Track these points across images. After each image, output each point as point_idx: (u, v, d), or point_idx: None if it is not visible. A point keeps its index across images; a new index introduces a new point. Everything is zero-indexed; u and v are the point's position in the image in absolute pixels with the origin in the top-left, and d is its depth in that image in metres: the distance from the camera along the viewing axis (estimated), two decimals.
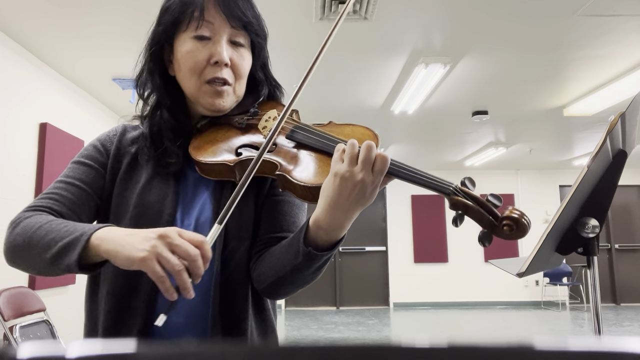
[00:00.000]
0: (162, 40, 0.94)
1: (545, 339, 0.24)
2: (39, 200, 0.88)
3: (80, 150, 0.99)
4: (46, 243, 0.78)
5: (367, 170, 0.75)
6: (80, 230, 0.77)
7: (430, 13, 3.24)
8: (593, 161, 0.95)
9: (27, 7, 3.12)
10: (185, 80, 0.93)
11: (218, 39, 0.91)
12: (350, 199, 0.75)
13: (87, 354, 0.24)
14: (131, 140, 0.99)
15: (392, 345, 0.24)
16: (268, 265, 0.88)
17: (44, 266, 0.79)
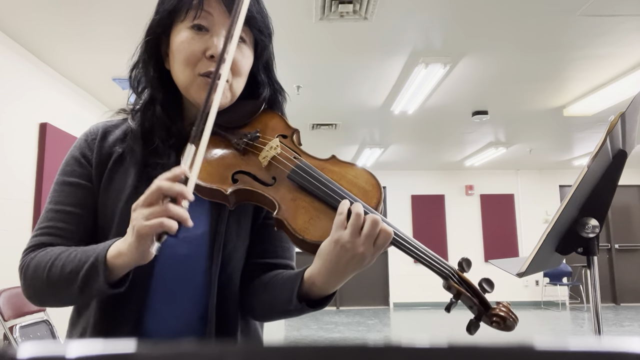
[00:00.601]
0: (159, 30, 0.89)
1: (545, 339, 0.24)
2: (36, 238, 0.86)
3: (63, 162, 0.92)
4: (67, 278, 0.77)
5: (369, 244, 0.76)
6: (92, 254, 0.76)
7: (430, 13, 3.24)
8: (593, 161, 0.95)
9: (27, 7, 3.12)
10: (179, 71, 0.87)
11: (216, 31, 0.85)
12: (347, 267, 0.76)
13: (87, 354, 0.24)
14: (114, 141, 0.91)
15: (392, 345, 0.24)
16: (260, 301, 0.90)
17: (77, 297, 0.80)
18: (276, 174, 0.84)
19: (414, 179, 9.23)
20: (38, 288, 0.82)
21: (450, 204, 9.26)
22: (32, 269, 0.81)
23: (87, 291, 0.77)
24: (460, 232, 9.13)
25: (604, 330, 1.08)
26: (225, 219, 0.89)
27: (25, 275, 0.83)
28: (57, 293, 0.80)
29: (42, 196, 3.84)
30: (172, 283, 0.87)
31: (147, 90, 0.91)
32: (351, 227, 0.74)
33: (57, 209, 0.87)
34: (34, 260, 0.82)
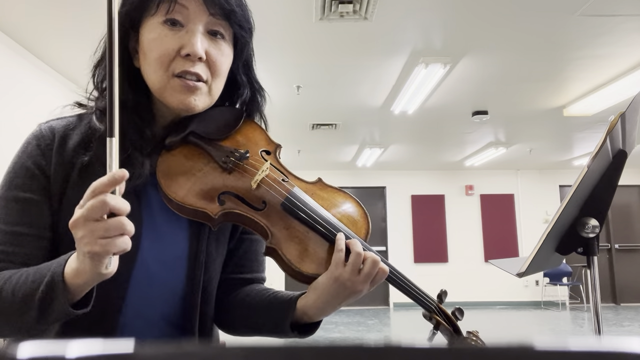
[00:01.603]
0: (127, 25, 0.77)
1: (545, 339, 0.24)
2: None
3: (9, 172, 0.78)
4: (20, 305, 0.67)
5: (367, 281, 0.79)
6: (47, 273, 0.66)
7: (430, 13, 3.24)
8: (593, 161, 0.95)
9: (27, 7, 3.13)
10: (150, 72, 0.77)
11: (192, 28, 0.76)
12: (343, 300, 0.78)
13: (87, 354, 0.24)
14: (75, 147, 0.78)
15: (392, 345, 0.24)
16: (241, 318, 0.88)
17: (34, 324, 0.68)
18: (267, 198, 0.80)
19: (414, 179, 9.23)
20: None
21: (450, 204, 9.26)
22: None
23: (46, 317, 0.66)
24: (460, 232, 9.13)
25: (604, 330, 1.08)
26: (206, 238, 0.82)
27: None
28: (11, 323, 0.69)
29: None
30: (147, 305, 0.79)
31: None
32: (351, 266, 0.75)
33: (7, 230, 0.74)
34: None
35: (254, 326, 0.86)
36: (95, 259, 0.60)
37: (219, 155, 0.80)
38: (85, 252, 0.60)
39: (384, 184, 9.26)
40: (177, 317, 0.82)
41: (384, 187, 9.27)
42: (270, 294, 0.86)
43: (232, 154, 0.81)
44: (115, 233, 0.59)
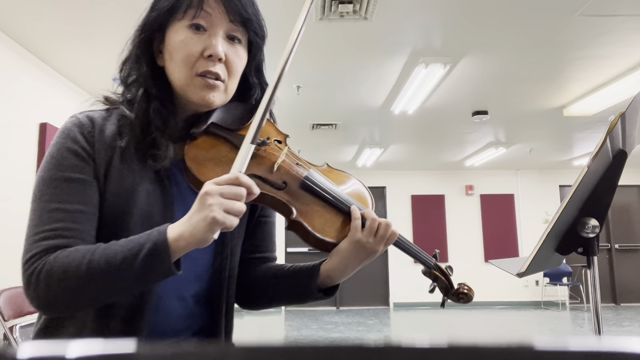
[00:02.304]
0: (154, 28, 0.88)
1: (545, 339, 0.24)
2: (44, 242, 0.77)
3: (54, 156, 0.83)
4: (118, 268, 0.73)
5: (382, 243, 0.91)
6: (146, 239, 0.75)
7: (430, 13, 3.24)
8: (593, 161, 0.95)
9: (27, 8, 3.13)
10: (176, 71, 0.86)
11: (215, 32, 0.85)
12: (361, 262, 0.91)
13: (87, 354, 0.24)
14: (112, 135, 0.86)
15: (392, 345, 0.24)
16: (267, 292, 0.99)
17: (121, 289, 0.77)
18: (286, 179, 0.91)
19: (414, 179, 9.23)
20: (72, 288, 0.74)
21: (450, 204, 9.26)
22: (61, 269, 0.74)
23: (145, 277, 0.75)
24: (460, 232, 9.13)
25: (604, 330, 1.08)
26: None
27: (48, 278, 0.74)
28: (102, 287, 0.75)
29: None
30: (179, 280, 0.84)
31: (139, 86, 0.88)
32: (368, 230, 0.89)
33: (67, 208, 0.79)
34: (58, 261, 0.75)
35: (279, 296, 0.98)
36: (212, 225, 0.71)
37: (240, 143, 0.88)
38: (209, 217, 0.71)
39: (384, 184, 9.26)
40: (205, 294, 0.91)
41: (384, 187, 9.27)
42: (291, 266, 0.98)
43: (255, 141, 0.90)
44: (236, 213, 0.73)
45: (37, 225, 0.79)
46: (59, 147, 0.83)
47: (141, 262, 0.73)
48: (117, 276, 0.74)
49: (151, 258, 0.73)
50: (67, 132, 0.84)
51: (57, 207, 0.79)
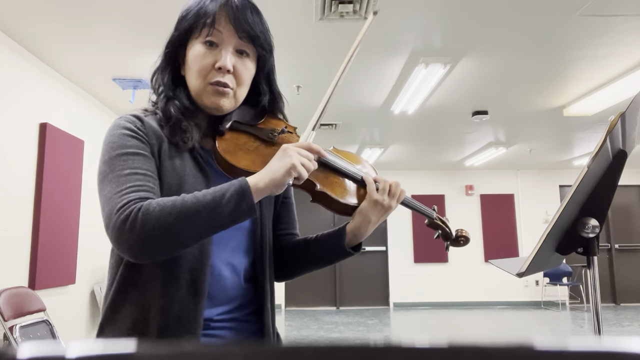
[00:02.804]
0: (177, 44, 1.04)
1: (545, 339, 0.24)
2: (131, 194, 0.87)
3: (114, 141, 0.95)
4: (208, 204, 0.86)
5: (395, 200, 1.09)
6: (229, 185, 0.89)
7: (430, 13, 3.24)
8: (593, 161, 0.95)
9: (27, 8, 3.13)
10: (192, 80, 1.02)
11: (224, 47, 1.01)
12: (379, 218, 1.09)
13: (87, 354, 0.24)
14: (156, 126, 1.00)
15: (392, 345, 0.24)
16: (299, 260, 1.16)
17: (211, 228, 0.88)
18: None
19: (414, 179, 9.23)
20: (168, 225, 0.85)
21: (450, 204, 9.25)
22: (157, 209, 0.85)
23: (233, 214, 0.87)
24: None
25: (604, 330, 1.08)
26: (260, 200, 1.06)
27: (145, 217, 0.84)
28: (195, 224, 0.86)
29: (42, 196, 3.84)
30: (228, 247, 1.02)
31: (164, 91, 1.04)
32: (382, 190, 1.08)
33: (141, 172, 0.91)
34: (152, 204, 0.86)
35: (311, 261, 1.15)
36: (291, 170, 0.88)
37: (263, 134, 1.07)
38: (289, 164, 0.88)
39: None
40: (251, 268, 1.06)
41: None
42: (317, 234, 1.15)
43: (274, 131, 1.08)
44: (308, 167, 0.91)
45: (117, 186, 0.89)
46: (116, 135, 0.95)
47: (228, 200, 0.87)
48: (207, 212, 0.86)
49: (236, 196, 0.87)
50: (120, 124, 0.97)
51: (131, 172, 0.91)
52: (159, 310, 0.92)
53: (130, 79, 4.33)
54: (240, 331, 1.02)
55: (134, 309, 0.94)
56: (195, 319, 0.94)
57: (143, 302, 0.93)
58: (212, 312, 0.98)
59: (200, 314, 0.94)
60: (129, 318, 0.94)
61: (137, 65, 4.05)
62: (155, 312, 0.92)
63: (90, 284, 4.81)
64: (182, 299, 0.93)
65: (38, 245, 3.75)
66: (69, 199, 4.29)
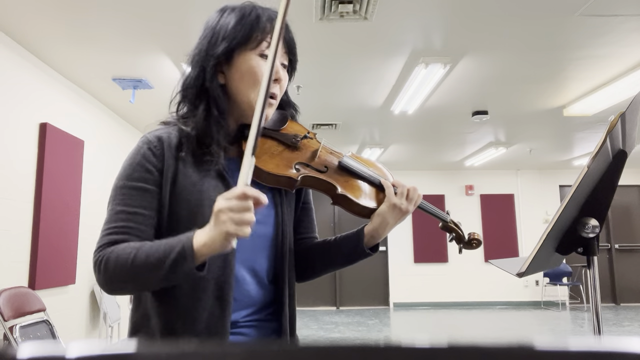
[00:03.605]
0: (231, 51, 1.05)
1: (545, 339, 0.24)
2: (109, 236, 0.98)
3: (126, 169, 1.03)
4: (153, 266, 0.92)
5: (412, 204, 1.14)
6: (177, 245, 0.92)
7: (430, 13, 3.24)
8: (593, 161, 0.95)
9: (28, 8, 3.12)
10: (245, 90, 1.06)
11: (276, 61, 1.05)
12: (397, 221, 1.13)
13: (87, 354, 0.24)
14: (176, 147, 1.05)
15: (392, 345, 0.24)
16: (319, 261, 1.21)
17: (159, 282, 0.95)
18: (327, 163, 1.14)
19: (414, 179, 9.21)
20: (121, 277, 0.95)
21: (450, 204, 9.25)
22: (114, 261, 0.94)
23: (172, 276, 0.92)
24: None
25: (604, 330, 1.08)
26: (280, 203, 1.13)
27: (105, 267, 0.95)
28: (140, 280, 0.95)
29: (42, 196, 3.84)
30: (250, 253, 1.07)
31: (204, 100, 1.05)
32: (400, 194, 1.12)
33: (129, 211, 0.99)
34: (114, 254, 0.95)
35: (330, 262, 1.20)
36: (228, 238, 0.86)
37: (286, 139, 1.12)
38: (223, 231, 0.86)
39: None
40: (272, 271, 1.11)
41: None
42: (335, 236, 1.20)
43: (297, 136, 1.14)
44: (247, 223, 0.86)
45: (106, 223, 1.00)
46: (131, 162, 1.03)
47: (170, 263, 0.91)
48: (153, 271, 0.92)
49: (177, 262, 0.91)
50: (138, 149, 1.04)
51: (121, 210, 1.00)
52: (187, 321, 0.99)
53: (130, 79, 4.33)
54: (261, 330, 1.08)
55: (161, 321, 1.01)
56: (223, 326, 1.00)
57: (171, 313, 1.00)
58: (236, 315, 1.04)
59: (227, 321, 1.01)
60: (156, 329, 1.01)
61: (137, 65, 4.05)
62: (182, 323, 0.99)
63: (90, 284, 4.81)
64: (209, 307, 1.00)
65: (38, 245, 3.75)
66: (69, 199, 4.29)
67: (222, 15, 1.09)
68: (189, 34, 3.47)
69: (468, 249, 1.31)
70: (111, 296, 5.02)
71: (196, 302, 0.99)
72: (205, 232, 0.90)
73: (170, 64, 4.00)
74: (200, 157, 1.04)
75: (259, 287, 1.09)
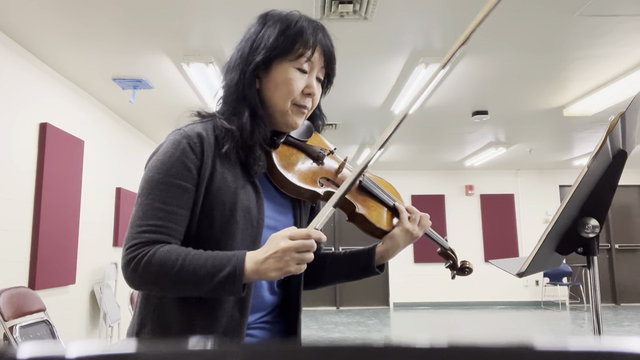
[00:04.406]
0: (270, 60, 1.06)
1: (545, 339, 0.24)
2: (146, 234, 0.95)
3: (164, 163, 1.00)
4: (198, 280, 0.93)
5: (422, 231, 1.18)
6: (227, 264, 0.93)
7: (430, 13, 3.24)
8: (593, 161, 0.95)
9: (28, 8, 3.12)
10: (280, 99, 1.07)
11: (312, 75, 1.09)
12: (405, 245, 1.17)
13: (87, 354, 0.24)
14: (215, 144, 1.04)
15: (392, 345, 0.24)
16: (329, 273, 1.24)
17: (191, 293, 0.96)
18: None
19: (414, 179, 9.23)
20: (160, 281, 0.94)
21: (450, 204, 9.26)
22: (157, 265, 0.93)
23: (214, 293, 0.94)
24: (460, 232, 9.13)
25: (604, 330, 1.08)
26: (299, 214, 1.17)
27: (145, 268, 0.93)
28: (179, 288, 0.95)
29: (42, 196, 3.84)
30: None
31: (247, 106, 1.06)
32: (414, 221, 1.17)
33: (167, 209, 0.98)
34: (157, 257, 0.93)
35: (338, 275, 1.24)
36: (283, 272, 0.92)
37: (313, 152, 1.15)
38: (284, 270, 0.92)
39: None
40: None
41: None
42: (346, 251, 1.23)
43: (323, 151, 1.16)
44: (306, 262, 0.93)
45: (141, 218, 0.97)
46: (170, 156, 1.00)
47: (218, 281, 0.92)
48: (198, 284, 0.93)
49: (226, 281, 0.92)
50: (178, 144, 1.01)
51: (159, 207, 0.97)
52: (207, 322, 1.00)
53: (130, 79, 4.33)
54: (269, 332, 1.12)
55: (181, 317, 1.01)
56: (240, 329, 1.02)
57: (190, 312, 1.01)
58: (250, 318, 1.07)
59: (245, 324, 1.03)
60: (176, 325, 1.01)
61: (137, 65, 4.05)
62: (201, 323, 1.00)
63: (90, 284, 4.81)
64: (229, 310, 1.01)
65: (38, 245, 3.75)
66: (69, 199, 4.29)
67: (267, 22, 1.08)
68: (189, 34, 3.47)
69: (460, 276, 1.37)
70: (111, 296, 5.02)
71: (218, 304, 1.00)
72: (259, 260, 0.93)
73: (170, 64, 4.00)
74: (240, 159, 1.05)
75: (270, 293, 1.12)
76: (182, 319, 1.00)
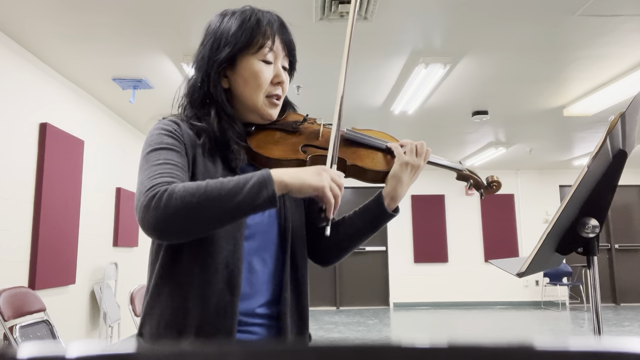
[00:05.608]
0: (233, 56, 1.08)
1: (545, 339, 0.24)
2: (161, 178, 0.93)
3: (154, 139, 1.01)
4: (229, 190, 0.90)
5: (422, 159, 1.15)
6: (253, 175, 0.92)
7: (430, 13, 3.24)
8: (593, 161, 0.95)
9: (28, 8, 3.13)
10: (251, 93, 1.09)
11: (277, 64, 1.11)
12: (411, 178, 1.15)
13: (87, 354, 0.24)
14: (192, 134, 1.05)
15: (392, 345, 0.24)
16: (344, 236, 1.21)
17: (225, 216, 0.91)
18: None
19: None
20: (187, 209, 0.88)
21: (450, 204, 9.26)
22: (181, 191, 0.89)
23: (248, 204, 0.90)
24: (460, 232, 9.13)
25: (604, 330, 1.08)
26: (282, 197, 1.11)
27: (168, 199, 0.88)
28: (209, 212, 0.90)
29: (42, 196, 3.84)
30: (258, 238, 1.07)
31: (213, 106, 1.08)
32: (409, 152, 1.15)
33: (173, 163, 0.98)
34: (179, 187, 0.90)
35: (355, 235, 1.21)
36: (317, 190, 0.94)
37: (287, 126, 1.16)
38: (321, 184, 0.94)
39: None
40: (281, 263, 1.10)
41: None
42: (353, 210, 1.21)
43: (297, 122, 1.16)
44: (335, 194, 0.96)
45: (149, 173, 0.95)
46: (155, 134, 1.02)
47: (251, 187, 0.90)
48: (229, 197, 0.90)
49: (258, 185, 0.91)
50: (158, 127, 1.04)
51: (163, 162, 0.97)
52: (198, 303, 0.98)
53: (130, 79, 4.33)
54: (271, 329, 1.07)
55: (173, 302, 1.00)
56: (232, 311, 0.99)
57: (181, 296, 0.99)
58: (247, 305, 1.03)
59: (236, 305, 1.00)
60: (168, 310, 1.00)
61: (137, 65, 4.05)
62: (193, 305, 0.98)
63: (90, 284, 4.81)
64: (219, 291, 0.99)
65: (38, 245, 3.75)
66: (69, 199, 4.29)
67: (223, 20, 1.11)
68: (189, 34, 3.47)
69: (489, 194, 1.29)
70: (111, 296, 5.02)
71: (205, 284, 0.99)
72: (293, 171, 0.95)
73: (170, 64, 4.00)
74: (218, 153, 1.06)
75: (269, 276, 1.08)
76: (174, 305, 0.99)
